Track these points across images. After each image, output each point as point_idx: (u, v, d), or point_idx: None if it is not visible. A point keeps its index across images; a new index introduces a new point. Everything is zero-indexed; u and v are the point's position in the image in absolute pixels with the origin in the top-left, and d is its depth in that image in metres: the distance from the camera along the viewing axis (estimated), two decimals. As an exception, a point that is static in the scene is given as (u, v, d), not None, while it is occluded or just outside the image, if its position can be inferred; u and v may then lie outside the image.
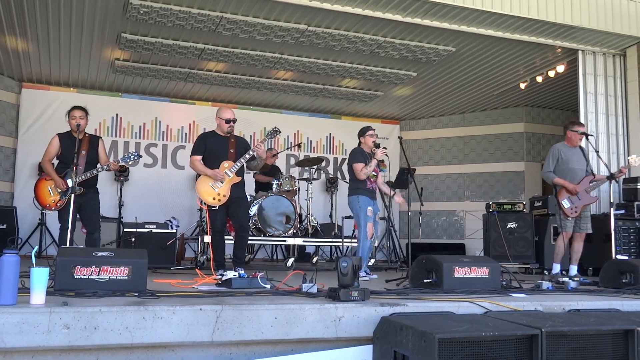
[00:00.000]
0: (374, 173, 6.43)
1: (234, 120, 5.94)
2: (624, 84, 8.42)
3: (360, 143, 6.64)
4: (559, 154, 6.54)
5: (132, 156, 5.92)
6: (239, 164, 5.79)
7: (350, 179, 6.55)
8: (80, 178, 5.60)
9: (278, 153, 9.86)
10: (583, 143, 7.90)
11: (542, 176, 6.62)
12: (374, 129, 6.60)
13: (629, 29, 7.91)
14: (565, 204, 6.34)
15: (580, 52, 8.29)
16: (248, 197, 6.82)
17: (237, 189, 5.86)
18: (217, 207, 5.76)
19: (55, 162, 5.86)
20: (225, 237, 6.08)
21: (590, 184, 6.43)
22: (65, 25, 7.65)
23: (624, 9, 7.88)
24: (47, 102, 10.21)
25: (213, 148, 5.87)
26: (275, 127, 6.18)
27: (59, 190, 5.67)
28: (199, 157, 5.88)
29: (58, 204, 5.66)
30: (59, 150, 5.80)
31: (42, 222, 9.15)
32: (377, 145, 6.38)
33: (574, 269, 6.37)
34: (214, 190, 5.75)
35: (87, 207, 5.77)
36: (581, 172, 6.51)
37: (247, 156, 5.81)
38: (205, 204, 5.82)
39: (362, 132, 6.61)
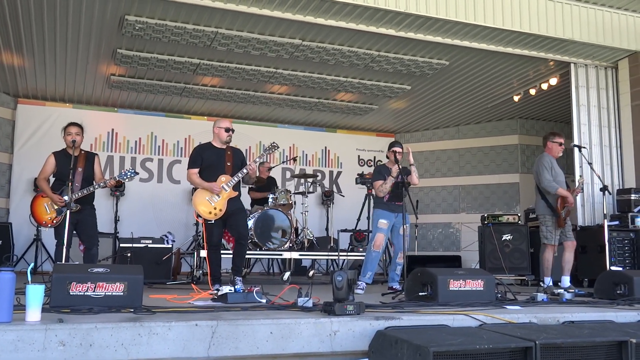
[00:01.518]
0: None
1: (233, 130, 6.03)
2: (616, 96, 8.49)
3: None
4: (550, 164, 6.54)
5: (128, 173, 5.92)
6: (236, 179, 5.83)
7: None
8: (76, 195, 5.61)
9: (272, 167, 9.88)
10: (576, 155, 7.99)
11: (544, 187, 6.46)
12: (399, 145, 6.61)
13: (620, 41, 7.99)
14: (562, 214, 6.35)
15: (572, 64, 8.37)
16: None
17: (234, 201, 5.89)
18: (213, 221, 5.77)
19: (52, 179, 5.87)
20: (222, 252, 6.09)
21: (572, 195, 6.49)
22: (61, 41, 7.69)
23: (615, 22, 7.96)
24: (42, 117, 10.23)
25: (210, 161, 5.90)
26: (274, 142, 6.27)
27: (56, 207, 5.67)
28: (196, 170, 5.91)
29: (54, 221, 5.66)
30: (54, 168, 5.79)
31: (38, 238, 9.14)
32: (397, 161, 6.46)
33: (566, 280, 6.36)
34: (211, 205, 5.78)
35: (84, 224, 5.77)
36: (564, 185, 6.55)
37: (244, 172, 5.84)
38: (201, 217, 5.84)
39: (388, 147, 6.70)
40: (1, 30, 7.36)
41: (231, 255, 6.12)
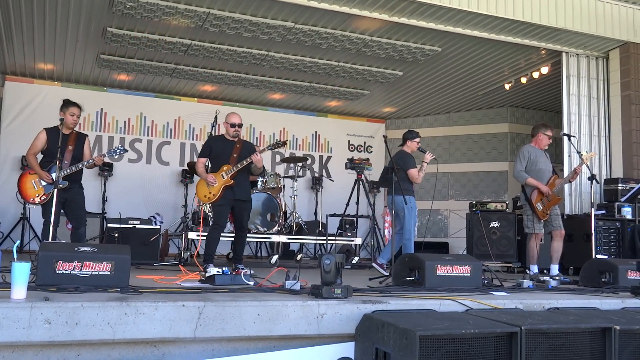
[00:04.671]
0: None
1: (240, 125, 6.17)
2: (607, 86, 8.52)
3: (403, 144, 6.90)
4: (528, 155, 6.56)
5: (118, 150, 6.00)
6: (235, 169, 6.00)
7: (400, 179, 6.46)
8: (65, 172, 5.59)
9: (262, 151, 9.83)
10: (565, 144, 8.03)
11: (514, 176, 6.65)
12: (419, 136, 6.89)
13: (612, 32, 8.01)
14: (539, 206, 6.38)
15: (564, 54, 8.38)
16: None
17: (242, 190, 6.09)
18: (223, 203, 6.01)
19: (40, 156, 5.83)
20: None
21: (557, 185, 6.49)
22: (50, 18, 7.59)
23: (607, 12, 7.97)
24: (31, 95, 10.12)
25: (217, 151, 6.14)
26: (286, 140, 6.50)
27: (43, 184, 5.64)
28: (204, 160, 6.22)
29: (41, 198, 5.63)
30: (45, 144, 5.78)
31: (24, 217, 9.08)
32: (423, 150, 6.67)
33: (555, 269, 6.41)
34: (207, 189, 6.03)
35: (72, 202, 5.76)
36: (548, 172, 6.56)
37: (244, 163, 5.98)
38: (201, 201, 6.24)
39: (412, 137, 6.85)
40: (-11, 5, 7.25)
41: (228, 239, 6.54)
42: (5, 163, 9.86)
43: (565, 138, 7.60)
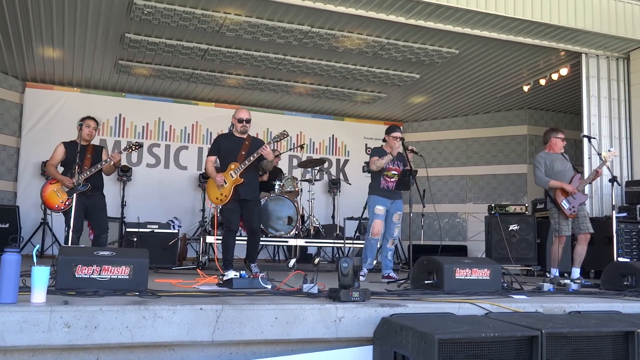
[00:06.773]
0: (394, 172, 6.37)
1: (248, 120, 6.12)
2: (628, 87, 8.41)
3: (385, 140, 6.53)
4: (543, 161, 6.52)
5: (132, 144, 6.16)
6: (243, 166, 5.95)
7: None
8: (85, 174, 5.76)
9: (281, 154, 9.85)
10: (585, 146, 7.93)
11: (537, 184, 6.57)
12: (399, 131, 6.41)
13: (633, 32, 7.90)
14: (565, 205, 6.31)
15: (583, 55, 8.28)
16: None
17: (248, 190, 6.00)
18: (232, 207, 5.96)
19: (61, 169, 6.07)
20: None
21: (580, 182, 6.41)
22: (69, 24, 7.67)
23: (628, 12, 7.87)
24: (50, 101, 10.24)
25: (226, 149, 6.10)
26: (284, 131, 6.31)
27: (66, 190, 5.78)
28: (213, 158, 6.17)
29: (66, 203, 5.77)
30: (64, 156, 5.99)
31: (45, 222, 9.17)
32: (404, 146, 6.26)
33: (576, 272, 6.33)
34: (218, 191, 5.98)
35: (94, 208, 5.94)
36: (569, 172, 6.49)
37: (252, 158, 5.89)
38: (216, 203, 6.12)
39: (388, 132, 6.43)
40: (10, 14, 7.34)
41: (243, 241, 6.37)
42: (26, 169, 9.98)
43: (585, 140, 7.51)
